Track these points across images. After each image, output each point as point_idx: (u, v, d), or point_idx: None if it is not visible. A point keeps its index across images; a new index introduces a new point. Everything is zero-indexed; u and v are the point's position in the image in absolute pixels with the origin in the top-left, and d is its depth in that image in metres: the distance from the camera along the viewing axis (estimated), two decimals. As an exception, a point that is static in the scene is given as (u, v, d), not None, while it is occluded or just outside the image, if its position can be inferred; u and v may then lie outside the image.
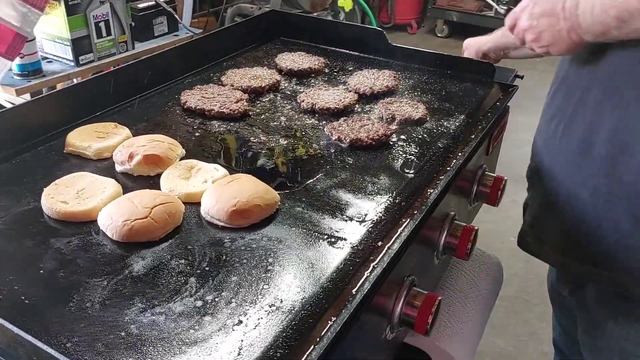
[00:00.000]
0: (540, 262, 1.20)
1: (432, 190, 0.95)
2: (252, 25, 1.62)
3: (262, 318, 0.69)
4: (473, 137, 1.12)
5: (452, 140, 1.12)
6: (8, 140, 1.03)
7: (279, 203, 0.89)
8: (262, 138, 1.10)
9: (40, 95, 1.60)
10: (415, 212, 0.89)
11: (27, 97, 1.71)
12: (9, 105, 1.84)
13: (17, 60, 1.65)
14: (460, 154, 1.06)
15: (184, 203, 0.90)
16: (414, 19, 5.14)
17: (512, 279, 2.34)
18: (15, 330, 0.61)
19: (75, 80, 1.86)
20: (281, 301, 0.71)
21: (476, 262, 1.33)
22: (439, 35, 5.08)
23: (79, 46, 1.75)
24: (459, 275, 1.26)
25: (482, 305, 1.23)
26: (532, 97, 3.48)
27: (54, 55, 1.80)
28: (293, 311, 0.70)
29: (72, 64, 1.76)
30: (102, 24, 1.78)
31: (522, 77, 1.40)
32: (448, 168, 1.01)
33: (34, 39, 1.68)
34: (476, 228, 1.05)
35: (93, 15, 1.76)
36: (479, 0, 4.81)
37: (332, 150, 1.07)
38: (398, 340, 0.94)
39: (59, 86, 1.89)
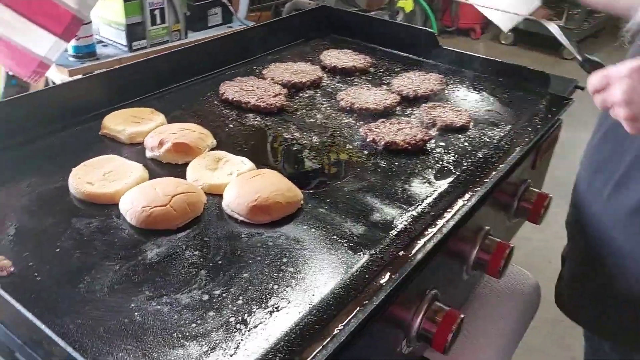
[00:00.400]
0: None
1: (464, 202, 0.90)
2: (302, 20, 1.60)
3: (266, 319, 0.66)
4: (517, 149, 1.07)
5: (494, 151, 1.06)
6: (47, 118, 1.05)
7: (302, 202, 0.87)
8: (295, 134, 1.08)
9: (81, 76, 1.64)
10: (444, 223, 0.84)
11: (79, 77, 1.75)
12: (63, 85, 1.90)
13: (73, 42, 1.70)
14: (500, 166, 1.01)
15: (208, 194, 0.89)
16: (478, 24, 5.00)
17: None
18: (20, 308, 0.61)
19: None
20: (289, 303, 0.69)
21: (511, 281, 1.26)
22: (503, 42, 4.93)
23: (133, 32, 1.78)
24: (491, 293, 1.20)
25: (513, 326, 1.16)
26: (597, 112, 3.34)
27: (109, 39, 1.84)
28: (299, 315, 0.67)
29: (125, 49, 1.80)
30: (157, 12, 1.81)
31: (583, 89, 1.31)
32: (485, 180, 0.96)
33: (90, 22, 1.72)
34: (511, 246, 0.99)
35: (149, 3, 1.79)
36: (547, 9, 4.64)
37: (366, 152, 1.04)
38: (416, 354, 0.90)
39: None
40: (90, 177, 0.88)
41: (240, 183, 0.86)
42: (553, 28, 1.04)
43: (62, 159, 0.97)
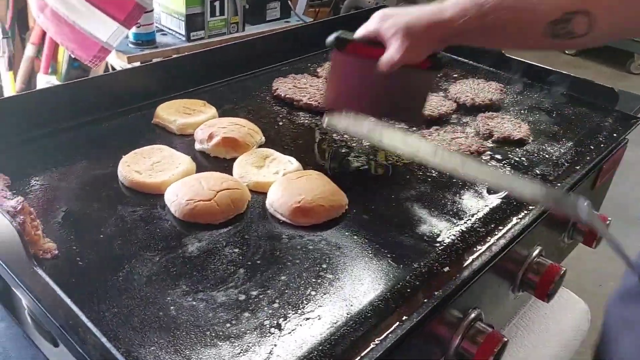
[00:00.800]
0: (639, 312, 1.05)
1: (517, 220, 0.86)
2: (359, 19, 1.57)
3: (301, 325, 0.64)
4: (578, 168, 1.01)
5: (553, 168, 1.01)
6: (102, 104, 1.06)
7: (346, 207, 0.85)
8: (344, 136, 1.06)
9: (139, 64, 1.67)
10: (494, 241, 0.81)
11: (137, 64, 1.78)
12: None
13: (133, 29, 1.73)
14: (559, 185, 0.96)
15: (252, 191, 0.88)
16: (542, 33, 4.83)
17: (604, 327, 2.13)
18: (59, 292, 0.61)
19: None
20: (325, 311, 0.67)
21: (559, 305, 1.21)
22: (566, 52, 4.75)
23: (192, 22, 1.80)
24: (537, 317, 1.15)
25: (557, 353, 1.11)
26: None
27: (168, 28, 1.87)
28: (335, 325, 0.65)
29: (184, 38, 1.82)
30: (217, 3, 1.82)
31: None
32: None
33: (152, 10, 1.75)
34: (563, 269, 0.94)
35: (210, -6, 1.81)
36: None
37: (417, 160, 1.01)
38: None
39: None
40: (138, 166, 0.88)
41: (285, 183, 0.85)
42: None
43: (113, 145, 0.98)
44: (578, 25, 0.73)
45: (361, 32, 0.90)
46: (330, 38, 0.91)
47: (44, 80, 2.03)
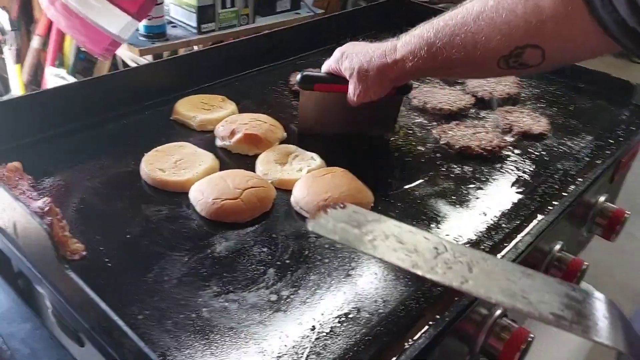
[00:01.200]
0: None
1: (542, 217, 0.85)
2: (374, 12, 1.56)
3: (336, 326, 0.64)
4: (599, 162, 1.01)
5: (574, 163, 1.01)
6: (120, 101, 1.06)
7: (372, 204, 0.84)
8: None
9: (151, 58, 1.66)
10: (521, 238, 0.80)
11: (149, 58, 1.77)
12: (132, 64, 1.93)
13: (144, 22, 1.72)
14: (581, 179, 0.95)
15: (276, 189, 0.87)
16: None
17: (614, 318, 2.13)
18: (91, 294, 0.61)
19: (195, 48, 1.91)
20: (358, 311, 0.67)
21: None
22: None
23: (203, 14, 1.79)
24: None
25: (576, 346, 1.11)
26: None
27: (179, 21, 1.86)
28: (369, 325, 0.65)
29: (195, 31, 1.81)
30: (227, -5, 1.81)
31: None
32: (564, 194, 0.91)
33: (162, 2, 1.73)
34: (586, 264, 0.94)
35: (221, -15, 1.79)
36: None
37: (439, 155, 1.00)
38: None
39: (181, 51, 1.95)
40: (161, 164, 0.87)
41: (310, 180, 0.84)
42: None
43: (133, 142, 0.97)
44: (530, 57, 0.71)
45: (324, 68, 0.95)
46: (297, 77, 0.97)
47: (53, 73, 2.02)
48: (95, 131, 1.00)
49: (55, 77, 2.01)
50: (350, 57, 0.88)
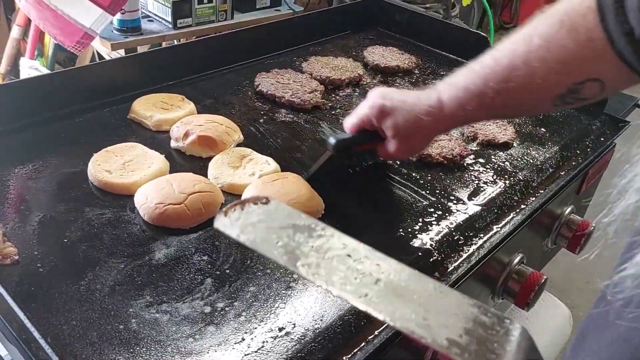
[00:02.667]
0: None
1: (497, 229, 0.84)
2: (349, 11, 1.54)
3: (267, 341, 0.62)
4: (563, 173, 0.99)
5: (537, 174, 0.99)
6: (77, 98, 1.03)
7: (322, 212, 0.82)
8: (327, 136, 1.03)
9: (123, 52, 1.63)
10: (473, 251, 0.79)
11: (121, 52, 1.74)
12: (107, 58, 1.89)
13: (118, 16, 1.68)
14: (541, 192, 0.94)
15: (227, 193, 0.85)
16: (539, 24, 4.79)
17: (589, 325, 2.13)
18: (12, 304, 0.59)
19: (175, 42, 1.88)
20: (293, 326, 0.65)
21: (542, 309, 1.19)
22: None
23: (179, 9, 1.76)
24: (519, 322, 1.13)
25: None
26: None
27: (155, 15, 1.82)
28: (303, 341, 0.63)
29: (170, 26, 1.78)
30: (205, -10, 1.78)
31: None
32: (522, 206, 0.89)
33: (138, -4, 1.70)
34: (545, 277, 0.92)
35: (198, -20, 1.76)
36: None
37: (397, 162, 0.98)
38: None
39: (164, 44, 1.92)
40: (109, 165, 0.85)
41: (260, 186, 0.82)
42: None
43: (86, 141, 0.95)
44: (589, 91, 0.65)
45: (356, 122, 0.83)
46: (331, 143, 0.83)
47: (27, 65, 1.98)
48: (47, 128, 0.97)
49: (29, 69, 1.97)
50: (392, 115, 0.78)
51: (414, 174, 0.95)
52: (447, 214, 0.86)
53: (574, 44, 0.61)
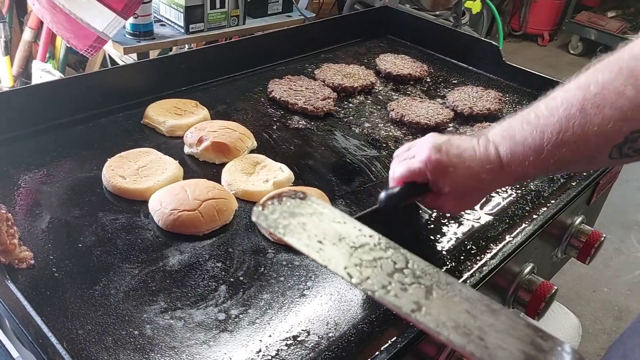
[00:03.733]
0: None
1: (510, 238, 0.84)
2: (361, 19, 1.54)
3: (281, 349, 0.63)
4: (574, 184, 0.99)
5: (548, 184, 0.99)
6: (91, 103, 1.04)
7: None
8: (339, 143, 1.04)
9: (136, 58, 1.63)
10: (485, 262, 0.79)
11: (134, 56, 1.75)
12: (119, 62, 1.90)
13: (131, 20, 1.69)
14: (553, 202, 0.94)
15: (240, 200, 0.85)
16: (547, 31, 4.78)
17: (598, 335, 2.12)
18: (29, 309, 0.59)
19: (186, 47, 1.89)
20: (308, 334, 0.65)
21: (551, 319, 1.19)
22: (571, 51, 4.70)
23: (192, 14, 1.76)
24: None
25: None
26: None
27: (167, 19, 1.83)
28: (317, 349, 0.63)
29: (182, 30, 1.78)
30: (217, -5, 1.79)
31: None
32: (534, 216, 0.89)
33: (150, 0, 1.71)
34: (555, 288, 0.92)
35: (211, -14, 1.76)
36: (625, 22, 4.40)
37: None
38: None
39: (174, 50, 1.93)
40: (123, 170, 0.86)
41: (274, 194, 0.82)
42: None
43: (100, 146, 0.95)
44: None
45: (406, 174, 0.76)
46: (382, 199, 0.75)
47: (39, 68, 1.99)
48: (62, 133, 0.98)
49: (41, 72, 1.98)
50: (449, 173, 0.73)
51: (426, 183, 0.95)
52: (459, 223, 0.86)
53: (634, 91, 0.59)
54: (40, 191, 0.84)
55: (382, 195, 0.76)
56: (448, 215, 0.88)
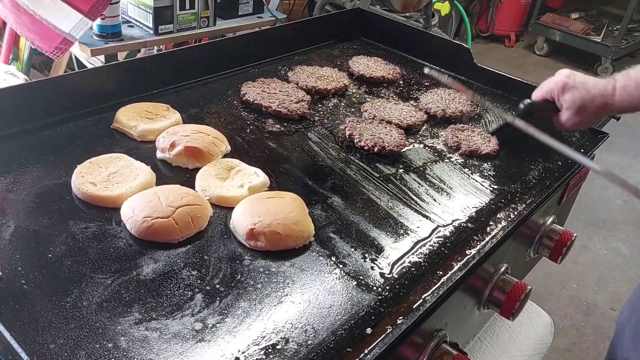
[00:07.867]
0: (602, 317, 1.06)
1: (483, 241, 0.84)
2: (333, 21, 1.54)
3: (260, 358, 0.62)
4: (547, 184, 1.01)
5: (521, 185, 1.00)
6: (58, 106, 1.01)
7: (311, 239, 0.80)
8: (313, 147, 1.03)
9: (103, 60, 1.60)
10: (459, 265, 0.79)
11: (101, 58, 1.72)
12: (87, 64, 1.86)
13: (98, 21, 1.66)
14: (526, 203, 0.95)
15: (215, 206, 0.84)
16: (514, 32, 4.87)
17: (567, 330, 2.16)
18: (-3, 323, 0.57)
19: (155, 49, 1.87)
20: (286, 342, 0.64)
21: (523, 318, 1.21)
22: (537, 52, 4.80)
23: (161, 15, 1.74)
24: (502, 330, 1.14)
25: (522, 368, 1.11)
26: (629, 134, 3.20)
27: (136, 21, 1.80)
28: (296, 357, 0.62)
29: (152, 32, 1.75)
30: (187, -3, 1.76)
31: (618, 119, 1.24)
32: (509, 216, 0.90)
33: (118, 1, 1.68)
34: (529, 287, 0.93)
35: (180, -14, 1.74)
36: (588, 23, 4.50)
37: (381, 174, 0.98)
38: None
39: (142, 52, 1.89)
40: (93, 177, 0.83)
41: (253, 202, 0.81)
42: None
43: (69, 151, 0.93)
44: None
45: (540, 94, 1.06)
46: (521, 107, 1.07)
47: (2, 70, 1.93)
48: (29, 138, 0.95)
49: (4, 74, 1.92)
50: (572, 92, 1.00)
51: (392, 187, 0.95)
52: (435, 226, 0.87)
53: None
54: (7, 199, 0.81)
55: (521, 105, 1.06)
56: (442, 213, 0.88)
